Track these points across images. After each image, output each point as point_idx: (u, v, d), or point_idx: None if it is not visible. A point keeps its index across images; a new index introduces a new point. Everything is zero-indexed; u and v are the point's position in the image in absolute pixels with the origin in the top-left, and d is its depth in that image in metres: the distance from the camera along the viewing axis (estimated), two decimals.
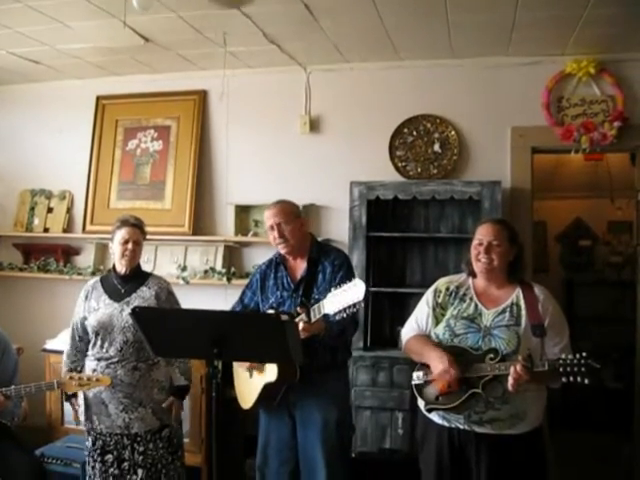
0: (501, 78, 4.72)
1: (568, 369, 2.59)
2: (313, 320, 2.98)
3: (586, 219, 7.22)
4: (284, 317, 2.69)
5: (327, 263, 3.30)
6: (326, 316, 2.95)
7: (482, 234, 2.96)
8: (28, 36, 4.39)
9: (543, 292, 2.94)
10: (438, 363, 2.80)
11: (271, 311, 3.30)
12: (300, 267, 3.37)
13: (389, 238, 4.70)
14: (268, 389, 3.18)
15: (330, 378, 3.25)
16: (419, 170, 4.84)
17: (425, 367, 2.94)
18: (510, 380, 2.63)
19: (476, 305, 2.94)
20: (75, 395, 3.49)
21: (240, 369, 3.39)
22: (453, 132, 4.78)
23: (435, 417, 2.92)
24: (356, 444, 4.31)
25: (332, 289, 2.93)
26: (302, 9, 3.82)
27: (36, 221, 5.63)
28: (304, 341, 2.93)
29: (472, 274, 3.03)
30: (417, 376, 2.99)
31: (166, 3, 3.74)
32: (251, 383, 3.28)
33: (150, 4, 3.21)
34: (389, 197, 4.59)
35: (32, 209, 5.66)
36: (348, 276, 3.23)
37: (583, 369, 2.57)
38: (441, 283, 3.11)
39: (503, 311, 2.89)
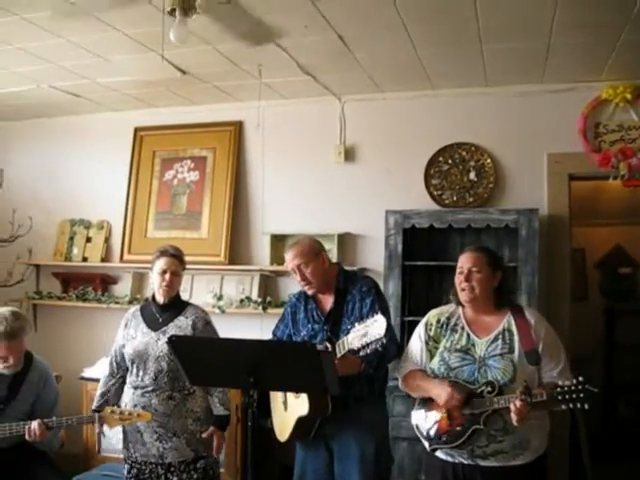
0: (536, 105, 4.69)
1: (567, 396, 2.57)
2: (339, 355, 2.93)
3: (626, 246, 7.08)
4: (320, 347, 2.67)
5: (355, 292, 3.26)
6: (353, 351, 2.90)
7: (462, 263, 2.95)
8: (69, 70, 4.50)
9: (534, 316, 2.91)
10: (440, 391, 2.78)
11: None
12: (329, 299, 3.32)
13: (425, 267, 4.66)
14: (301, 423, 3.14)
15: (367, 408, 3.20)
16: (455, 198, 4.82)
17: (425, 405, 2.92)
18: (513, 417, 2.59)
19: (468, 335, 2.91)
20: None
21: (276, 401, 3.36)
22: (489, 160, 4.76)
23: (438, 452, 2.88)
24: (393, 475, 4.24)
25: (356, 324, 2.90)
26: (336, 40, 3.86)
27: (75, 250, 5.71)
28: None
29: (461, 303, 3.00)
30: (418, 415, 2.97)
31: (202, 36, 3.81)
32: (286, 416, 3.25)
33: (187, 37, 3.26)
34: (425, 226, 4.57)
35: (71, 239, 5.75)
36: (378, 301, 3.22)
37: (582, 395, 2.54)
38: (431, 315, 3.09)
39: (495, 339, 2.84)
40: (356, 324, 2.89)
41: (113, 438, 3.91)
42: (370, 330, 2.80)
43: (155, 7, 3.32)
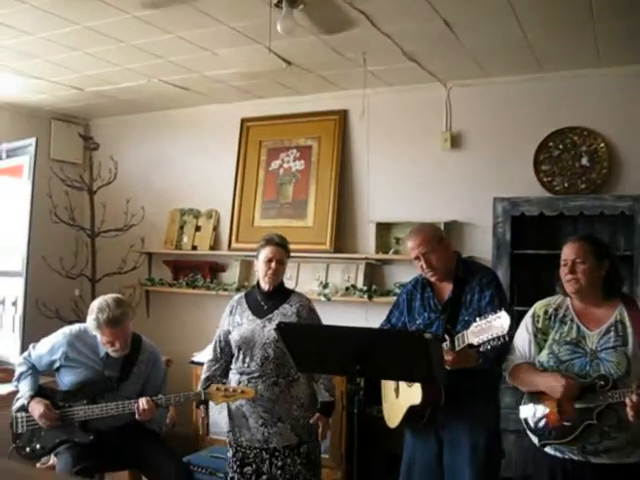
0: None
1: None
2: (457, 349, 2.90)
3: None
4: (427, 335, 2.65)
5: (475, 283, 3.17)
6: (472, 346, 2.86)
7: (565, 254, 2.85)
8: (179, 64, 4.64)
9: None
10: (554, 384, 2.70)
11: None
12: (447, 288, 3.24)
13: (535, 256, 4.53)
14: (413, 411, 3.12)
15: (480, 401, 3.14)
16: (566, 185, 4.65)
17: (534, 399, 2.84)
18: (629, 411, 2.49)
19: (578, 327, 2.80)
20: (206, 404, 3.60)
21: (387, 388, 3.35)
22: (602, 144, 4.56)
23: (547, 447, 2.80)
24: (500, 469, 4.17)
25: (477, 318, 2.84)
26: (442, 25, 3.80)
27: (185, 239, 5.91)
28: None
29: (567, 294, 2.90)
30: (526, 409, 2.89)
31: (307, 26, 3.83)
32: (397, 403, 3.23)
33: (294, 28, 3.30)
34: (534, 213, 4.45)
35: (181, 227, 5.95)
36: (498, 295, 3.14)
37: None
38: (538, 307, 2.99)
39: (607, 331, 2.73)
40: (477, 319, 2.84)
41: (222, 421, 4.02)
42: (493, 326, 2.75)
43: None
